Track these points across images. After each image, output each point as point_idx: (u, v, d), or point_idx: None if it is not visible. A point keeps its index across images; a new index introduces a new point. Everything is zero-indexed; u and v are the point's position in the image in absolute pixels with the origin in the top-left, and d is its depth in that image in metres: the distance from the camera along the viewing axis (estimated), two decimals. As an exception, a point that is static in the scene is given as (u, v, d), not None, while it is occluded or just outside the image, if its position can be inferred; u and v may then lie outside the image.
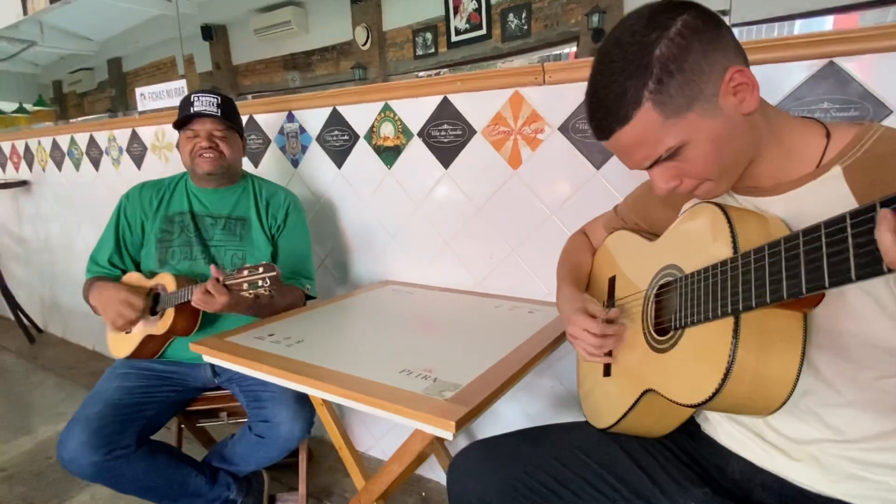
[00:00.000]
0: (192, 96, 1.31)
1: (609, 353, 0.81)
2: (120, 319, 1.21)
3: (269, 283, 1.03)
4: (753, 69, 0.62)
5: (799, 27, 1.01)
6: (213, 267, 1.10)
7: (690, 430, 0.82)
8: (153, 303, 1.28)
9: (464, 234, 1.43)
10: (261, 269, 1.04)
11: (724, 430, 0.76)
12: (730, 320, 0.55)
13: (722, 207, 0.62)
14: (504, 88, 1.28)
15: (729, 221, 0.59)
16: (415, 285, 1.51)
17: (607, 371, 0.83)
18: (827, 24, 0.98)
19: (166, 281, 1.25)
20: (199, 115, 1.29)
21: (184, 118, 1.30)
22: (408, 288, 1.49)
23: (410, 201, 1.51)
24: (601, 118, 0.63)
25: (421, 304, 1.33)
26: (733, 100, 0.59)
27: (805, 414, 0.64)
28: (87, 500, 1.58)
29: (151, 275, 1.33)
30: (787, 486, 0.67)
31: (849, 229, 0.40)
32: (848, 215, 0.40)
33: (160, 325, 1.22)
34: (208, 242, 1.35)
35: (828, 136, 0.61)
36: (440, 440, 1.36)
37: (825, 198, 0.59)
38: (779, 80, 0.99)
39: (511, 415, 1.44)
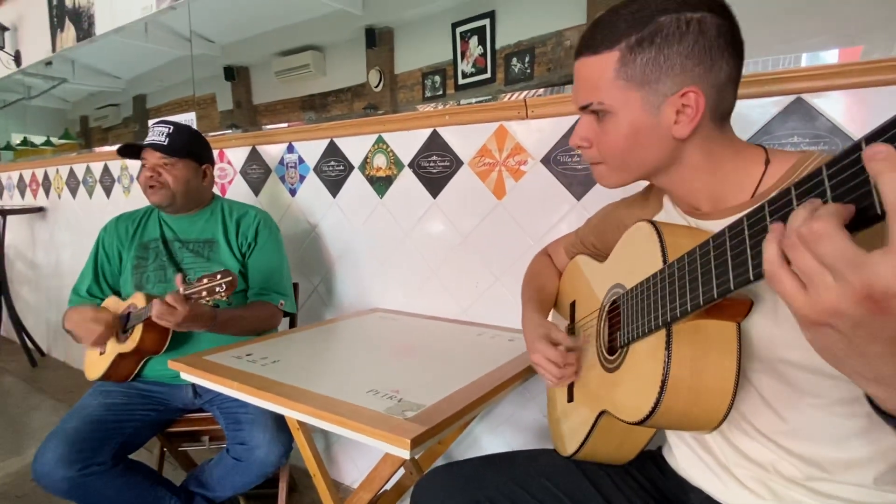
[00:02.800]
0: (150, 126, 1.37)
1: (571, 382, 0.81)
2: (92, 335, 1.22)
3: (224, 287, 1.05)
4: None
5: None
6: (178, 277, 1.11)
7: (657, 461, 0.81)
8: (124, 322, 1.30)
9: (450, 263, 1.45)
10: (218, 276, 1.06)
11: (686, 459, 0.74)
12: (663, 333, 0.55)
13: (654, 223, 0.63)
14: (489, 122, 1.33)
15: (659, 234, 0.60)
16: (402, 313, 1.52)
17: (570, 397, 0.82)
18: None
19: (138, 300, 1.27)
20: (149, 145, 1.34)
21: (134, 149, 1.37)
22: (394, 315, 1.49)
23: (400, 230, 1.54)
24: (588, 35, 0.64)
25: (404, 330, 1.34)
26: (671, 115, 0.61)
27: (760, 436, 0.64)
28: (67, 524, 1.56)
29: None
30: (744, 519, 0.65)
31: (746, 231, 0.41)
32: (745, 218, 0.42)
33: (129, 343, 1.24)
34: (181, 265, 1.38)
35: (767, 163, 0.63)
36: (420, 472, 1.34)
37: None
38: (750, 116, 1.01)
39: (494, 447, 1.41)
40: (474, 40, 2.46)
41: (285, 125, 1.81)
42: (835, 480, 0.60)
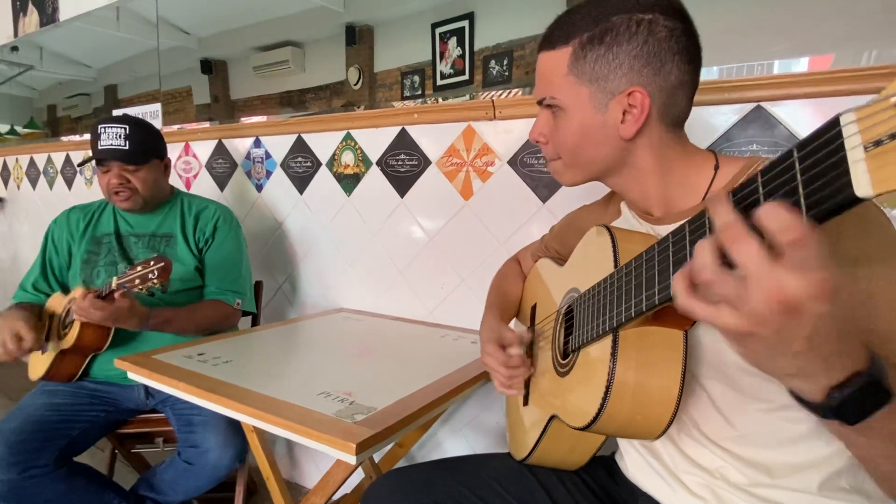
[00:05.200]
0: (100, 127, 1.25)
1: (528, 385, 0.80)
2: (1, 348, 1.13)
3: (157, 273, 1.01)
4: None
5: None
6: (114, 279, 1.07)
7: (609, 466, 0.80)
8: (64, 318, 1.24)
9: (417, 264, 1.43)
10: (152, 262, 1.03)
11: (636, 465, 0.74)
12: (610, 339, 0.55)
13: (608, 227, 0.63)
14: (457, 122, 1.31)
15: (612, 239, 0.59)
16: (367, 313, 1.50)
17: (526, 400, 0.81)
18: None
19: (77, 294, 1.20)
20: (110, 155, 1.25)
21: (92, 157, 1.29)
22: (359, 316, 1.47)
23: (367, 229, 1.52)
24: (547, 31, 0.66)
25: (367, 331, 1.31)
26: (618, 114, 0.61)
27: (709, 443, 0.63)
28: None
29: None
30: (691, 526, 0.65)
31: (687, 238, 0.40)
32: (687, 224, 0.41)
33: (68, 339, 1.18)
34: (134, 261, 1.32)
35: (716, 168, 0.63)
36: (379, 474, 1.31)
37: None
38: (712, 123, 1.02)
39: (456, 450, 1.40)
40: (453, 41, 2.45)
41: (253, 119, 1.77)
42: (779, 486, 0.60)
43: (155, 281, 1.01)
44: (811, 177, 0.31)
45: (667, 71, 0.60)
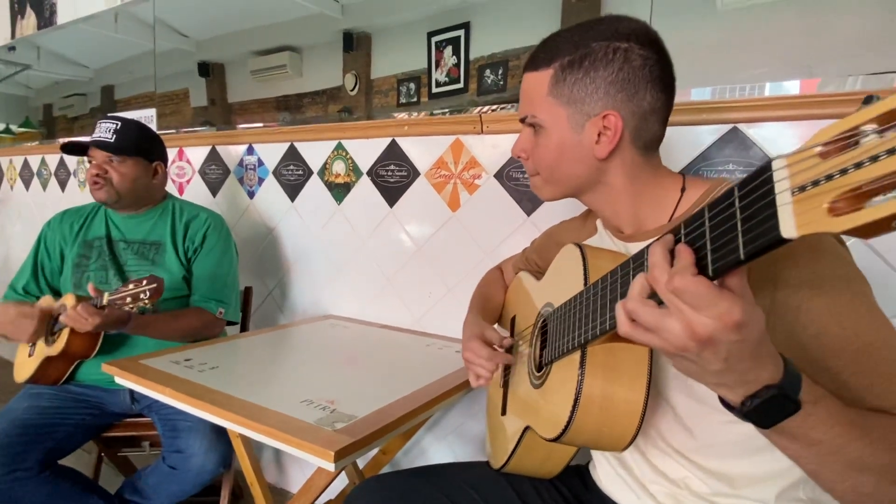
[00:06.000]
0: (97, 123, 1.32)
1: (506, 395, 0.82)
2: (27, 329, 1.17)
3: (148, 294, 1.03)
4: (668, 130, 0.68)
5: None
6: (90, 285, 1.09)
7: (583, 475, 0.82)
8: (53, 324, 1.25)
9: (405, 273, 1.46)
10: (144, 282, 1.05)
11: (607, 475, 0.76)
12: (579, 354, 0.57)
13: (580, 245, 0.66)
14: (446, 135, 1.34)
15: (583, 257, 0.62)
16: (355, 321, 1.52)
17: (504, 410, 0.84)
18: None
19: (69, 301, 1.21)
20: (93, 143, 1.30)
21: (79, 147, 1.33)
22: (346, 323, 1.49)
23: (357, 237, 1.54)
24: (533, 52, 0.69)
25: (353, 338, 1.33)
26: (593, 135, 0.64)
27: (674, 453, 0.66)
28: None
29: None
30: (658, 536, 0.67)
31: (645, 264, 0.43)
32: (645, 250, 0.43)
33: (56, 346, 1.19)
34: (123, 267, 1.34)
35: (683, 189, 0.66)
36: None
37: None
38: (691, 142, 1.05)
39: (441, 457, 1.42)
40: (448, 50, 2.47)
41: (247, 125, 1.79)
42: (739, 496, 0.63)
43: (146, 301, 1.04)
44: (747, 216, 0.34)
45: (640, 97, 0.63)
